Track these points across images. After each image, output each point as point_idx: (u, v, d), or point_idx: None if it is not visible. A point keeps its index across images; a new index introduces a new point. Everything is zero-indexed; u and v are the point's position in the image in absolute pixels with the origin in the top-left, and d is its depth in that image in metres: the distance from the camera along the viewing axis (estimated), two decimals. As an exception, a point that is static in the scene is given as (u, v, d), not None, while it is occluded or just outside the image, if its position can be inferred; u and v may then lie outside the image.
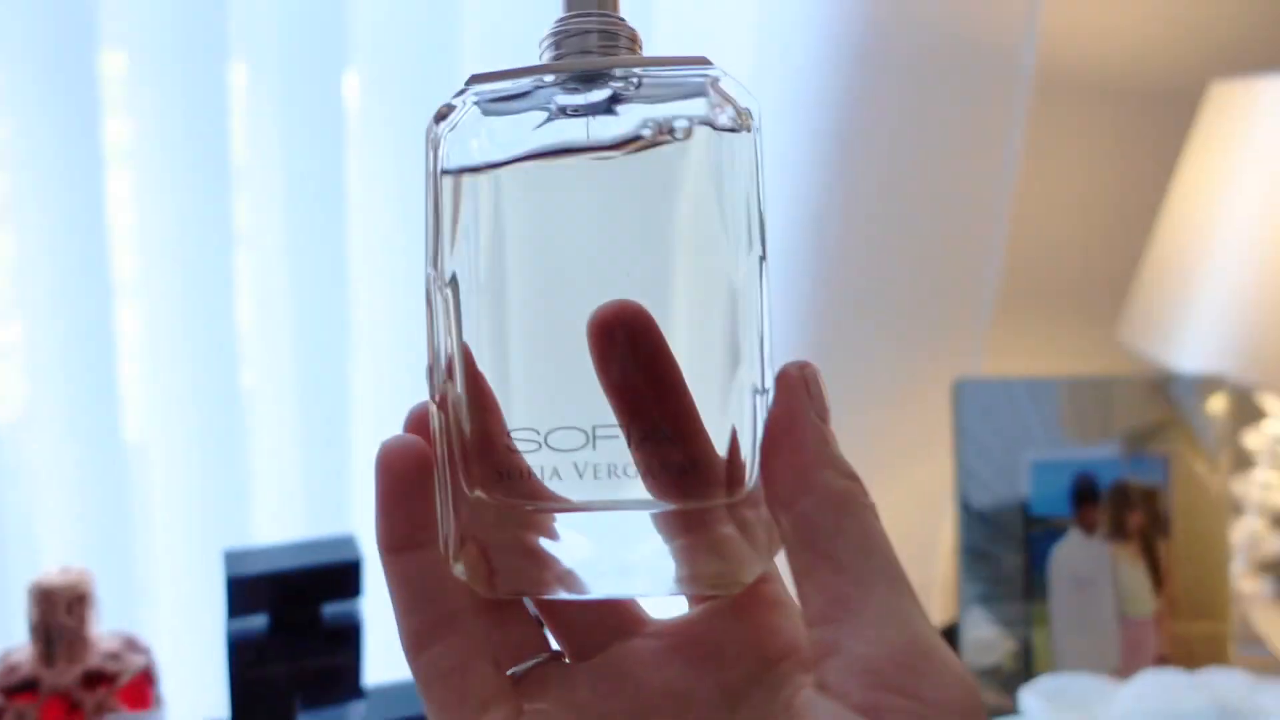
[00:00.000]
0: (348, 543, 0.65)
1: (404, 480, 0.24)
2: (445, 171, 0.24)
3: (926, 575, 0.93)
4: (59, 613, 0.58)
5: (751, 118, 0.23)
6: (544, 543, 0.24)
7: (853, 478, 0.23)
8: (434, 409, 0.24)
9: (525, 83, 0.24)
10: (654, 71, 0.24)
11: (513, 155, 0.24)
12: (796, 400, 0.23)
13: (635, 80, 0.23)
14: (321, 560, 0.62)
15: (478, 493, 0.24)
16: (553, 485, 0.24)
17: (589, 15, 0.24)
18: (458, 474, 0.24)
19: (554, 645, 0.27)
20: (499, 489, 0.24)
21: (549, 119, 0.23)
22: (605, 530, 0.24)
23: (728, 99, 0.23)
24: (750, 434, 0.23)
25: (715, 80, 0.23)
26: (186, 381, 0.78)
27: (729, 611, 0.25)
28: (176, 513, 0.80)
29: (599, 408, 0.23)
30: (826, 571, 0.22)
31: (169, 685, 0.66)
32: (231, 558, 0.60)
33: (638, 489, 0.23)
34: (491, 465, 0.24)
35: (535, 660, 0.25)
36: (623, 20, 0.25)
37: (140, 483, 0.80)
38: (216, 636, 0.60)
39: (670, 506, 0.23)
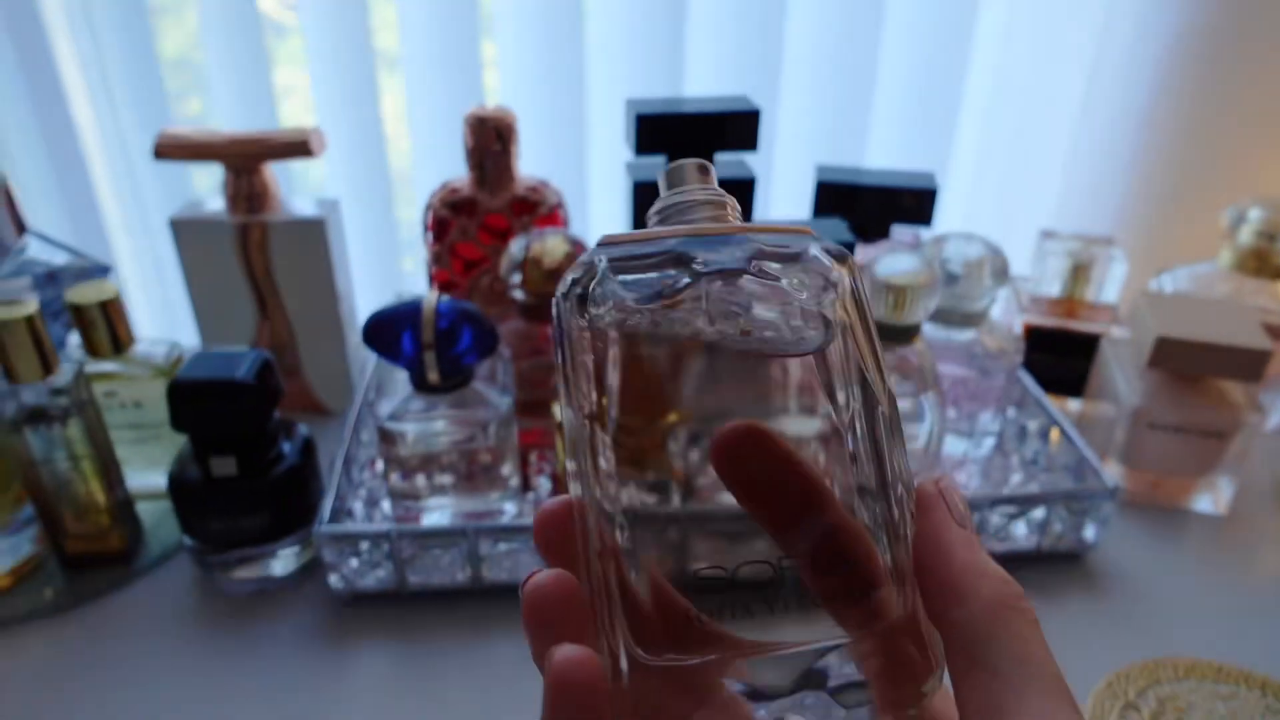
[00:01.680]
0: (742, 99, 0.64)
1: (583, 695, 0.21)
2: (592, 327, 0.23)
3: None
4: (490, 139, 0.64)
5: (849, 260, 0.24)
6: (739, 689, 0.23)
7: (1007, 583, 0.22)
8: (596, 581, 0.22)
9: (653, 247, 0.23)
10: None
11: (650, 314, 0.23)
12: (938, 514, 0.23)
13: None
14: (721, 109, 0.61)
15: (648, 658, 0.22)
16: (733, 626, 0.22)
17: (701, 188, 0.25)
18: (619, 649, 0.22)
19: None
20: (679, 649, 0.22)
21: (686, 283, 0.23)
22: (778, 675, 0.22)
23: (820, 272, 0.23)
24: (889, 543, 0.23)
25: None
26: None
27: None
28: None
29: (746, 552, 0.23)
30: (983, 678, 0.21)
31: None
32: (635, 103, 0.62)
33: (814, 629, 0.23)
34: (665, 631, 0.22)
35: None
36: (725, 194, 0.25)
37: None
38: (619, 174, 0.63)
39: (844, 640, 0.23)
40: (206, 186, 0.91)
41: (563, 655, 0.21)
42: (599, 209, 0.95)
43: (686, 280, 0.23)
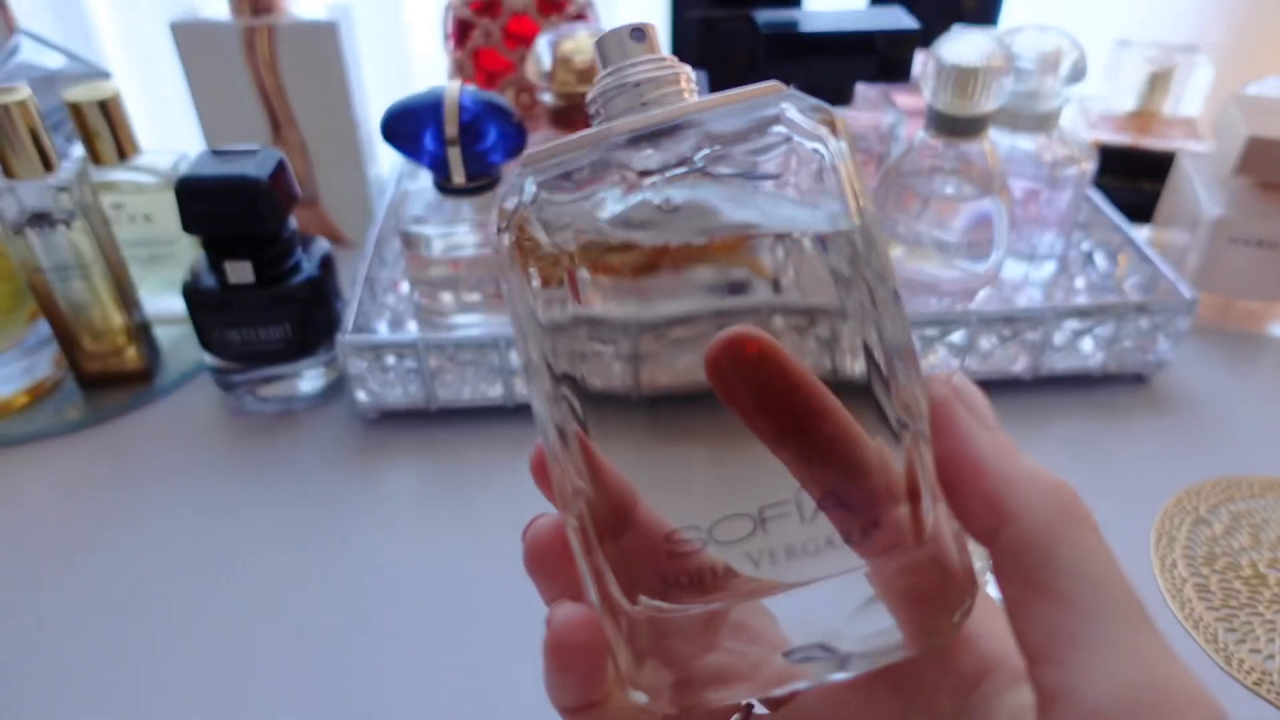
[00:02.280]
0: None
1: (581, 656, 0.20)
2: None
3: None
4: (513, -75, 0.58)
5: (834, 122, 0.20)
6: (733, 644, 0.21)
7: (1058, 488, 0.19)
8: (573, 528, 0.21)
9: (586, 153, 0.20)
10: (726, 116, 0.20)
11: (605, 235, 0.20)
12: (959, 420, 0.20)
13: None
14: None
15: (646, 602, 0.20)
16: (731, 584, 0.20)
17: (637, 64, 0.21)
18: (614, 595, 0.20)
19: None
20: (670, 597, 0.20)
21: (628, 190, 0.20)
22: (796, 613, 0.21)
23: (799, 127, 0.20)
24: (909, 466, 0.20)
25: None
26: None
27: None
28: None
29: (761, 487, 0.20)
30: (1045, 605, 0.18)
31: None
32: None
33: (821, 565, 0.20)
34: (657, 575, 0.20)
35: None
36: (668, 60, 0.21)
37: None
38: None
39: (857, 568, 0.20)
40: None
41: (561, 616, 0.20)
42: (625, 7, 0.88)
43: (635, 198, 0.20)
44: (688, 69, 0.22)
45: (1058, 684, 0.18)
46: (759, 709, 0.25)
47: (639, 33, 0.21)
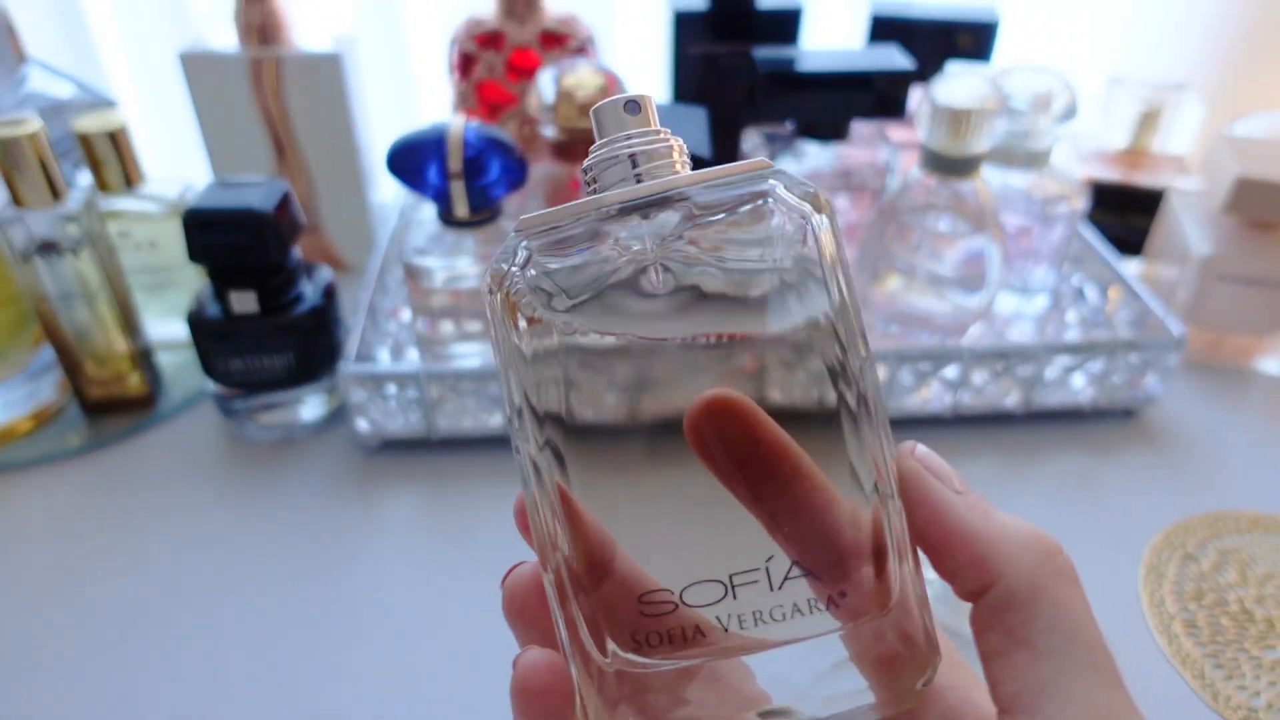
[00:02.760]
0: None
1: (542, 699, 0.21)
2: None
3: None
4: (517, -38, 0.59)
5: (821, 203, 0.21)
6: (706, 696, 0.21)
7: (1039, 540, 0.20)
8: (549, 580, 0.21)
9: (579, 223, 0.21)
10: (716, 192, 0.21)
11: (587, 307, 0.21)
12: (931, 491, 0.21)
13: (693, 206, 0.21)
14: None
15: (619, 654, 0.21)
16: (703, 641, 0.21)
17: (631, 136, 0.22)
18: (584, 644, 0.21)
19: None
20: (641, 652, 0.21)
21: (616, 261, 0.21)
22: (767, 672, 0.21)
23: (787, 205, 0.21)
24: (875, 535, 0.21)
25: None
26: None
27: None
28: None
29: (734, 551, 0.21)
30: (1021, 657, 0.19)
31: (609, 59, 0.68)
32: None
33: (789, 629, 0.20)
34: (630, 631, 0.21)
35: None
36: (661, 133, 0.22)
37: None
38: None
39: (826, 632, 0.20)
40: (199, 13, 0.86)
41: (526, 660, 0.21)
42: (625, 44, 0.89)
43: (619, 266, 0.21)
44: (680, 141, 0.22)
45: None
46: None
47: (634, 105, 0.22)
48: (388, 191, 0.76)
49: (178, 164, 0.89)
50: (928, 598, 0.21)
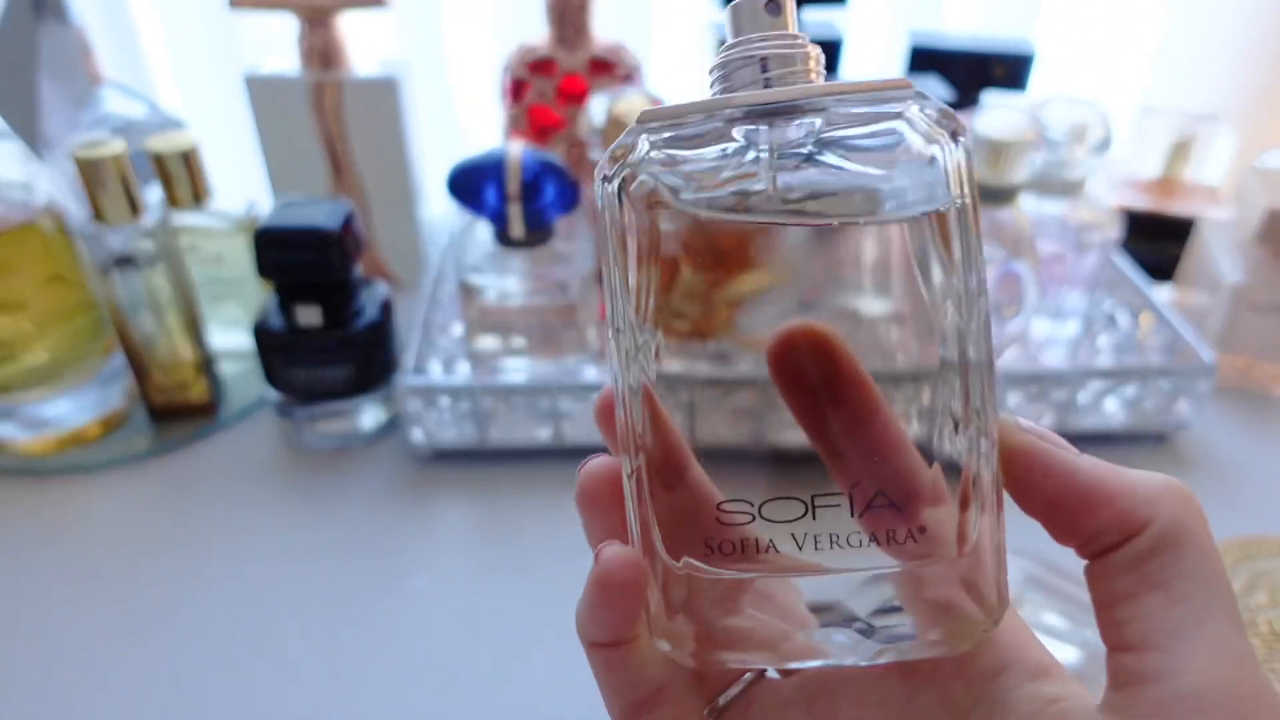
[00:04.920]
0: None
1: (622, 593, 0.22)
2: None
3: None
4: (570, -8, 0.62)
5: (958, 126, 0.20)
6: (758, 612, 0.22)
7: (1175, 486, 0.20)
8: (629, 475, 0.22)
9: (704, 120, 0.21)
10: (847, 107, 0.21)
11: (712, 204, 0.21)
12: (1055, 458, 0.21)
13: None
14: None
15: (687, 560, 0.21)
16: (769, 558, 0.21)
17: (767, 38, 0.21)
18: (656, 547, 0.22)
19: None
20: (710, 560, 0.21)
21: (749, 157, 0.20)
22: (826, 597, 0.22)
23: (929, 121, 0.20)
24: (964, 475, 0.21)
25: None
26: None
27: None
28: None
29: (818, 475, 0.21)
30: (1159, 600, 0.19)
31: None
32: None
33: (861, 558, 0.21)
34: (702, 537, 0.21)
35: (741, 684, 0.25)
36: (799, 37, 0.21)
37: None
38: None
39: (894, 568, 0.21)
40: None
41: (610, 553, 0.21)
42: (675, 69, 0.92)
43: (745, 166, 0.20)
44: (817, 49, 0.22)
45: (1158, 666, 0.19)
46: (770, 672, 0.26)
47: (774, 6, 0.21)
48: (436, 208, 0.78)
49: (228, 181, 0.92)
50: (1005, 551, 0.21)
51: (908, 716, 0.23)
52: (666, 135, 0.21)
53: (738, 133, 0.21)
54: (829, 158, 0.21)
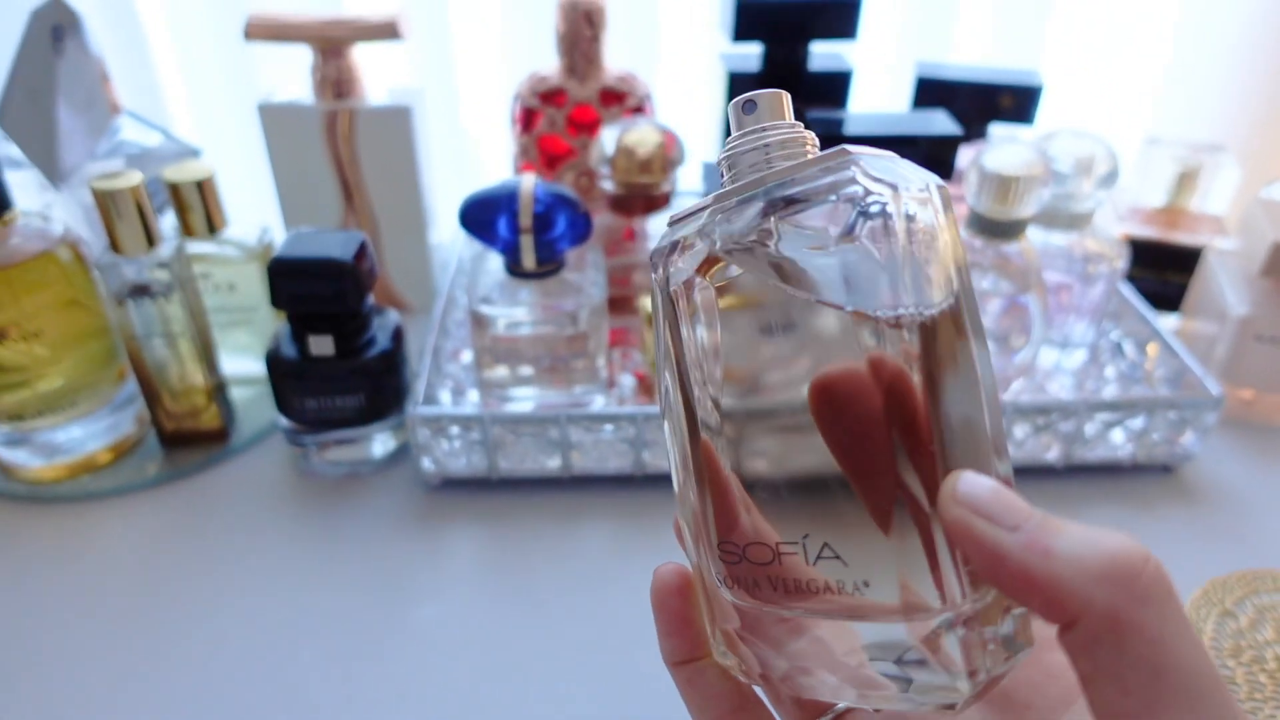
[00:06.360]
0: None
1: (678, 614, 0.25)
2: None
3: None
4: (582, 25, 0.62)
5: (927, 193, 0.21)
6: (794, 645, 0.23)
7: (1114, 566, 0.18)
8: (679, 511, 0.25)
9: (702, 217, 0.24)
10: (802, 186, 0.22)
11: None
12: (982, 540, 0.19)
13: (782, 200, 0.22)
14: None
15: (729, 594, 0.24)
16: (828, 597, 0.22)
17: (747, 134, 0.24)
18: (709, 575, 0.24)
19: None
20: (748, 593, 0.23)
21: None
22: (845, 639, 0.23)
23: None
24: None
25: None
26: None
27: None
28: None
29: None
30: (1112, 692, 0.18)
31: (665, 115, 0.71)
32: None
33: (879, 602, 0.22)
34: (751, 575, 0.23)
35: (834, 712, 0.26)
36: (758, 132, 0.23)
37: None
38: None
39: (900, 621, 0.21)
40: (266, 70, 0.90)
41: (659, 573, 0.25)
42: (685, 100, 0.92)
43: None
44: (786, 135, 0.23)
45: None
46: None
47: (751, 105, 0.24)
48: (444, 235, 0.79)
49: (240, 208, 0.93)
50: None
51: None
52: (691, 229, 0.23)
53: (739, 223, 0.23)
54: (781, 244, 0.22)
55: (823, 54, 0.65)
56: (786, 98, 0.24)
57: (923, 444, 0.20)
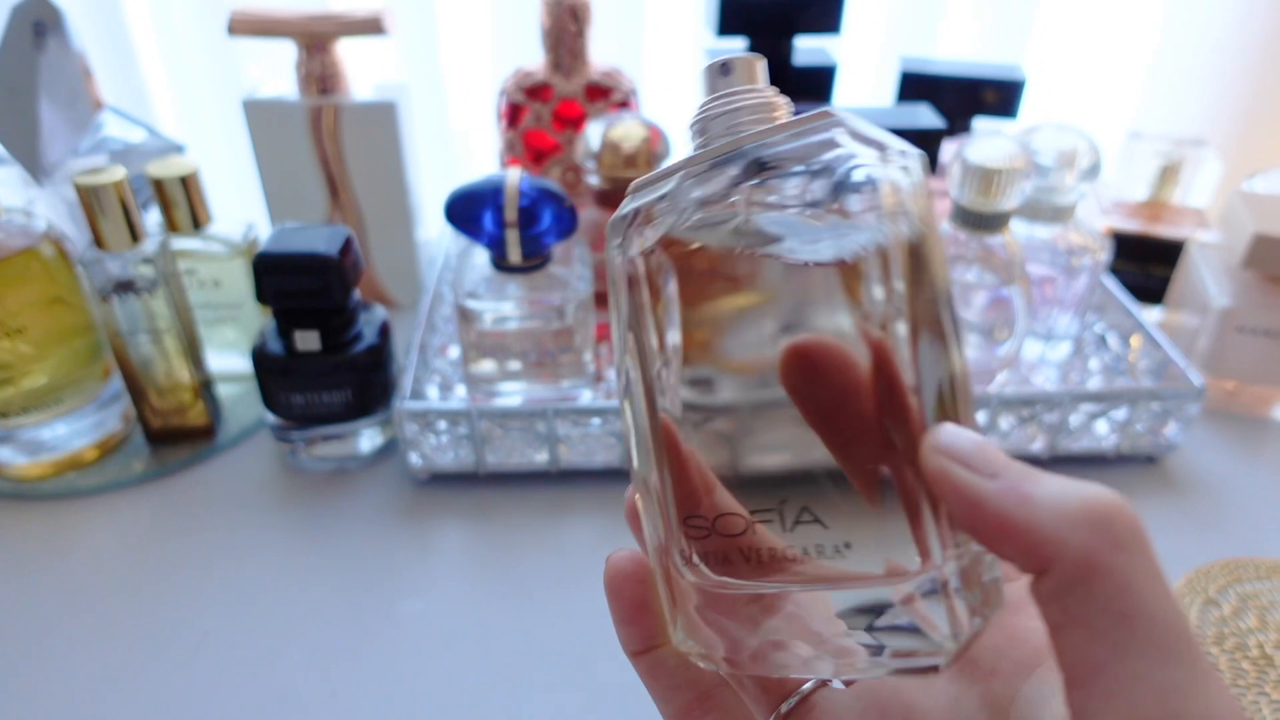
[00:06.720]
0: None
1: (633, 601, 0.24)
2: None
3: None
4: (566, 20, 0.62)
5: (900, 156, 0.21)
6: (765, 620, 0.23)
7: (1091, 511, 0.18)
8: (639, 493, 0.24)
9: (673, 181, 0.23)
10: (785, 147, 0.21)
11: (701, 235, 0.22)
12: (961, 487, 0.19)
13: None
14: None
15: (691, 574, 0.23)
16: (798, 568, 0.22)
17: (720, 97, 0.23)
18: (669, 556, 0.23)
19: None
20: (717, 569, 0.23)
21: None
22: (820, 608, 0.22)
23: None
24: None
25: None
26: None
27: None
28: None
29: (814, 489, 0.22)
30: (1080, 638, 0.18)
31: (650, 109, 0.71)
32: (717, -19, 0.60)
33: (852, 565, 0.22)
34: (718, 549, 0.23)
35: (800, 693, 0.26)
36: (744, 94, 0.23)
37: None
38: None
39: (876, 583, 0.21)
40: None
41: (611, 560, 0.24)
42: (670, 93, 0.93)
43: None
44: (760, 99, 0.23)
45: (1082, 708, 0.19)
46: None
47: (726, 67, 0.23)
48: (430, 230, 0.79)
49: (225, 203, 0.93)
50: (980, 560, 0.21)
51: (953, 714, 0.23)
52: (654, 197, 0.22)
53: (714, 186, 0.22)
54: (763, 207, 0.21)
55: (807, 49, 0.65)
56: (763, 63, 0.23)
57: (904, 405, 0.20)
